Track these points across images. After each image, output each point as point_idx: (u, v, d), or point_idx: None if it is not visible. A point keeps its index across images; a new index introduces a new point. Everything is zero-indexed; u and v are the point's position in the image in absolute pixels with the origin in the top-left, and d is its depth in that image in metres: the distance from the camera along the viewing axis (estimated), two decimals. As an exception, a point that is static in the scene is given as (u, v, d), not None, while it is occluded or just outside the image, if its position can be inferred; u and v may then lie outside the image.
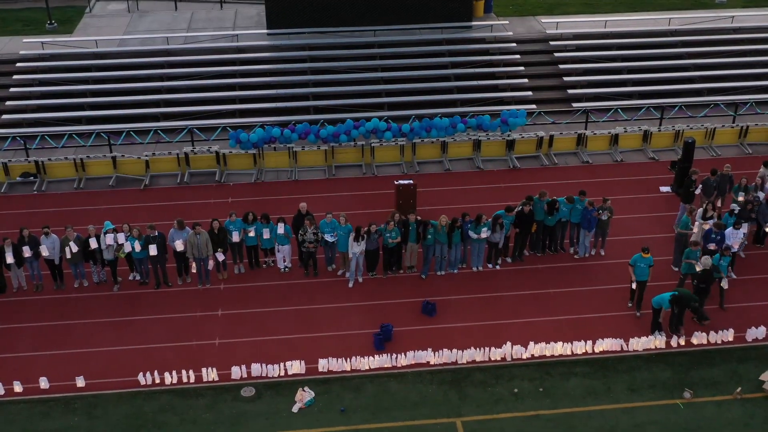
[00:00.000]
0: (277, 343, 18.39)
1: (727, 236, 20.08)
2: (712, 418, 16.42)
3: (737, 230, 20.34)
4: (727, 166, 22.73)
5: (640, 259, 18.81)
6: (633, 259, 18.97)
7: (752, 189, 21.98)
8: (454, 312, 19.42)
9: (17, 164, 25.09)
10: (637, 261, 18.88)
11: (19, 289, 20.26)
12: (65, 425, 16.30)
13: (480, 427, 16.20)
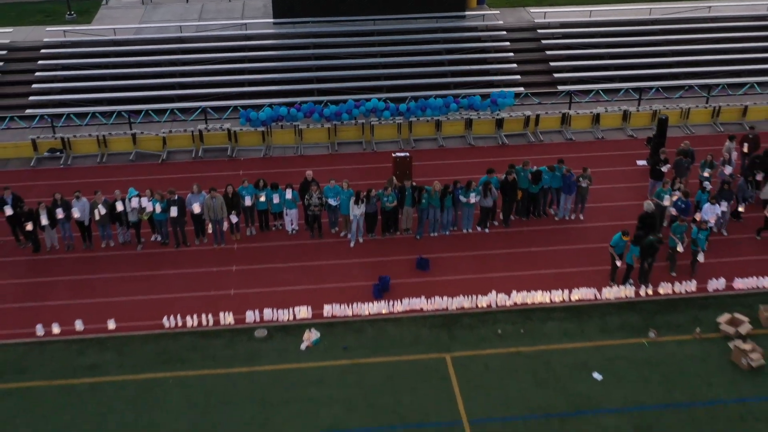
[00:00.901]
0: (286, 293, 20.35)
1: (704, 211, 21.79)
2: (674, 354, 18.38)
3: (713, 205, 22.00)
4: (686, 142, 24.61)
5: (620, 240, 20.53)
6: (614, 240, 20.57)
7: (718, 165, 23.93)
8: (445, 267, 21.40)
9: (45, 141, 27.09)
10: (618, 242, 20.63)
11: (52, 249, 22.23)
12: (99, 361, 18.28)
13: (466, 361, 18.18)
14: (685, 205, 21.90)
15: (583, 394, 17.25)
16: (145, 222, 22.25)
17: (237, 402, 17.06)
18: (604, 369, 17.91)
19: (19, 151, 26.98)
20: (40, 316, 19.53)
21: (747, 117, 28.98)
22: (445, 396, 17.22)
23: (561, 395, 17.20)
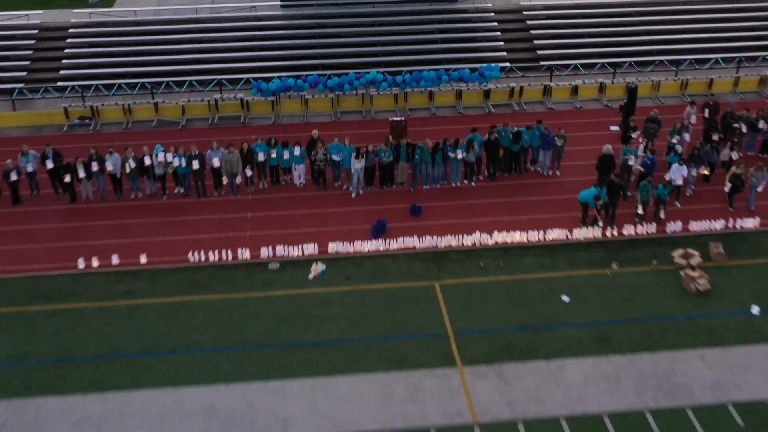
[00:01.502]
0: (295, 234, 22.85)
1: (672, 171, 24.19)
2: (632, 282, 20.91)
3: (681, 166, 24.38)
4: (655, 111, 27.08)
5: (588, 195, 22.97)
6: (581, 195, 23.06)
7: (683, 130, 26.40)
8: (435, 214, 23.92)
9: (75, 109, 29.61)
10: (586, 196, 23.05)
11: (87, 200, 24.76)
12: (133, 288, 20.81)
13: (452, 287, 20.71)
14: (650, 161, 24.39)
15: (551, 312, 19.79)
16: (170, 176, 24.80)
17: (254, 319, 19.60)
18: (571, 293, 20.45)
19: (52, 118, 29.51)
20: (80, 253, 22.05)
21: (712, 89, 31.46)
22: (433, 314, 19.76)
23: (533, 313, 19.74)
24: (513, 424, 16.49)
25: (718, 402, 17.01)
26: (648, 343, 18.72)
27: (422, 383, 17.55)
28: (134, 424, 16.52)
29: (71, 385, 17.56)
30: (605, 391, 17.30)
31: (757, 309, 19.83)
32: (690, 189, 24.89)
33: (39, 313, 19.86)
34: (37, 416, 16.76)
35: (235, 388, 17.42)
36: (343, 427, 16.45)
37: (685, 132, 26.63)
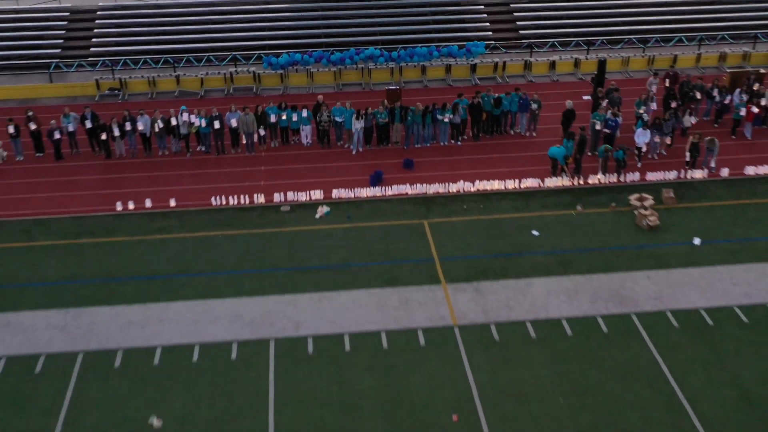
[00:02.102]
0: (303, 183, 25.80)
1: (636, 135, 27.08)
2: (593, 220, 23.91)
3: (645, 131, 27.20)
4: (612, 83, 30.02)
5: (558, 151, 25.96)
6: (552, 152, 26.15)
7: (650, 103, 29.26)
8: (425, 167, 26.90)
9: (105, 81, 32.56)
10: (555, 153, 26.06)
11: (120, 156, 27.75)
12: (164, 225, 23.81)
13: (439, 224, 23.71)
14: (614, 123, 27.36)
15: (523, 243, 22.79)
16: (192, 136, 27.78)
17: (270, 249, 22.60)
18: (540, 229, 23.45)
19: (85, 89, 32.48)
20: (117, 198, 25.02)
21: (676, 65, 34.41)
22: (422, 245, 22.76)
23: (507, 244, 22.75)
24: (486, 326, 19.50)
25: (658, 309, 20.03)
26: (603, 266, 21.73)
27: (411, 296, 20.58)
28: (172, 327, 19.53)
29: (117, 299, 20.58)
30: (564, 302, 20.32)
31: (698, 240, 22.84)
32: (654, 154, 27.67)
33: (86, 245, 22.88)
34: (91, 321, 19.78)
35: (255, 300, 20.44)
36: (345, 328, 19.46)
37: (651, 102, 29.59)
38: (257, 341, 19.04)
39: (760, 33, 35.98)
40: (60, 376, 18.02)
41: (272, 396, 17.43)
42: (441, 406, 17.12)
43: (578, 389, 17.57)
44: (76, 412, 17.06)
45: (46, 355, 18.65)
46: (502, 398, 17.32)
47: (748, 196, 25.22)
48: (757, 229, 23.48)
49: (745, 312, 19.91)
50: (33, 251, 22.64)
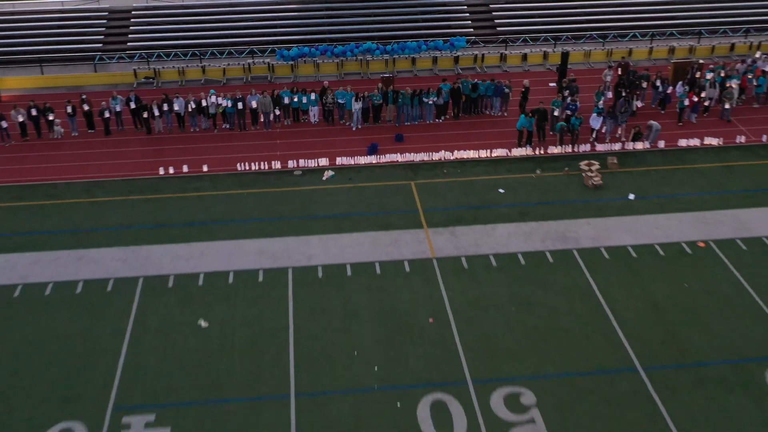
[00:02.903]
0: (312, 153, 30.37)
1: (591, 119, 31.63)
2: (550, 181, 28.53)
3: (599, 117, 31.58)
4: (572, 74, 34.61)
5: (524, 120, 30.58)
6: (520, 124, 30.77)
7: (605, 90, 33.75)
8: (413, 140, 31.49)
9: (141, 71, 37.17)
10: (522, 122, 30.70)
11: (159, 132, 32.35)
12: (199, 186, 28.41)
13: (423, 185, 28.32)
14: (574, 107, 31.94)
15: (491, 198, 27.42)
16: (219, 115, 32.38)
17: (286, 203, 27.23)
18: (505, 187, 28.10)
19: (124, 78, 37.08)
20: (159, 165, 29.62)
21: (631, 57, 39.01)
22: (409, 200, 27.40)
23: (478, 199, 27.39)
24: (458, 257, 24.16)
25: (594, 246, 24.69)
26: (554, 215, 26.38)
27: (400, 237, 25.23)
28: (211, 259, 24.18)
29: (166, 239, 25.22)
30: (521, 241, 24.97)
31: (633, 196, 27.50)
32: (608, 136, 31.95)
33: (137, 200, 27.53)
34: (147, 255, 24.44)
35: (275, 240, 25.09)
36: (347, 260, 24.10)
37: (608, 91, 34.13)
38: (278, 269, 23.70)
39: (704, 29, 40.59)
40: (126, 294, 22.68)
41: (291, 306, 22.09)
42: (421, 313, 21.78)
43: (526, 302, 22.23)
44: (142, 317, 21.73)
45: (114, 279, 23.32)
46: (467, 308, 21.98)
47: (677, 163, 29.87)
48: (682, 188, 28.12)
49: (662, 248, 24.57)
50: (95, 205, 27.29)
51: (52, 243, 25.08)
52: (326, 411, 18.56)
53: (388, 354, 20.31)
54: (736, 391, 19.08)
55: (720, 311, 21.78)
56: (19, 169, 29.69)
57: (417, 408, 18.62)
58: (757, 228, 25.55)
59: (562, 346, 20.54)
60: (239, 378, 19.56)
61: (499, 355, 20.26)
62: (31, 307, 22.17)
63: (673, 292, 22.61)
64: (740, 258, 24.04)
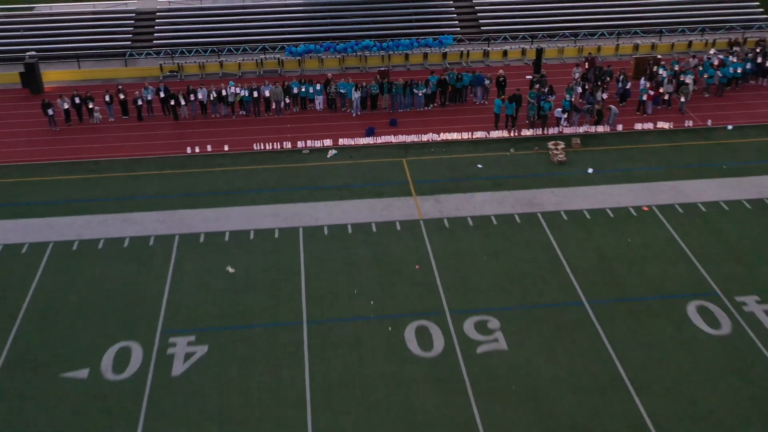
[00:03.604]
0: (318, 135, 34.35)
1: (556, 111, 35.56)
2: (521, 159, 32.56)
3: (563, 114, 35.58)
4: (543, 71, 38.59)
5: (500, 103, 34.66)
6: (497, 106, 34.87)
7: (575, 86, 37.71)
8: (405, 125, 35.56)
9: (167, 65, 41.21)
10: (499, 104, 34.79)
11: (184, 118, 36.38)
12: (222, 162, 32.45)
13: (413, 162, 32.38)
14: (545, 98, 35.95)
15: (471, 172, 31.46)
16: (237, 103, 36.43)
17: (296, 177, 31.27)
18: (483, 163, 32.15)
19: (151, 71, 41.11)
20: (186, 145, 33.67)
21: (600, 53, 43.06)
22: (401, 174, 31.45)
23: (459, 172, 31.43)
24: (441, 219, 28.22)
25: (555, 210, 28.75)
26: (523, 186, 30.44)
27: (392, 203, 29.29)
28: (234, 220, 28.23)
29: (196, 205, 29.27)
30: (494, 206, 29.03)
31: (591, 170, 31.55)
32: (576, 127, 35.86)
33: (169, 174, 31.58)
34: (180, 217, 28.49)
35: (288, 206, 29.14)
36: (348, 221, 28.15)
37: (577, 86, 38.14)
38: (290, 228, 27.79)
39: (664, 29, 44.65)
40: (165, 248, 26.76)
41: (302, 257, 26.17)
42: (409, 262, 25.86)
43: (496, 252, 26.30)
44: (179, 265, 25.80)
45: (155, 236, 27.40)
46: (447, 257, 26.05)
47: (632, 143, 33.91)
48: (634, 164, 32.15)
49: (613, 211, 28.64)
50: (134, 178, 31.36)
51: (100, 208, 29.17)
52: (332, 334, 22.65)
53: (382, 292, 24.41)
54: (660, 319, 23.17)
55: (654, 259, 25.89)
56: (66, 149, 33.77)
57: (404, 331, 22.72)
58: (693, 195, 29.64)
59: (523, 286, 24.64)
60: (261, 309, 23.66)
61: (472, 292, 24.37)
62: (87, 257, 26.28)
63: (617, 245, 26.70)
64: (676, 219, 28.15)
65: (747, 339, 22.32)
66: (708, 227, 27.65)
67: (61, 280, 25.14)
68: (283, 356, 21.82)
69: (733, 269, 25.32)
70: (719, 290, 24.34)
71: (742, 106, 37.28)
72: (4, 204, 29.57)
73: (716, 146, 33.66)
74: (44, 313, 23.64)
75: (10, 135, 35.09)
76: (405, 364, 21.55)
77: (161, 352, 21.98)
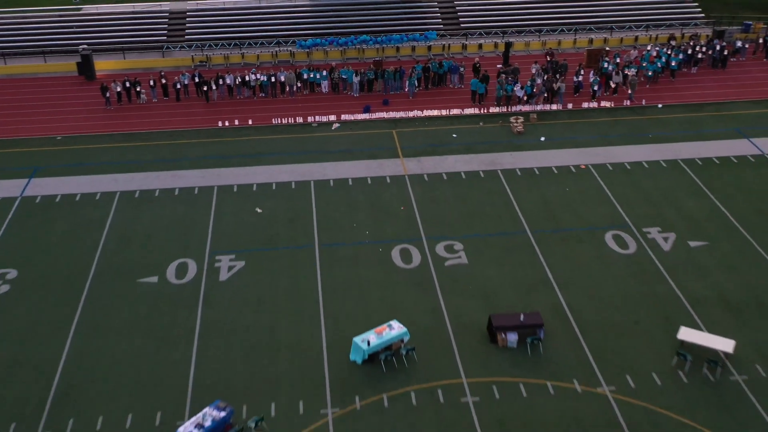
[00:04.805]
0: (324, 111, 40.87)
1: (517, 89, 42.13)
2: (489, 130, 39.07)
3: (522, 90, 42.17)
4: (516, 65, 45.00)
5: (477, 83, 41.19)
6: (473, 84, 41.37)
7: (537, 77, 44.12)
8: (395, 104, 42.06)
9: (197, 57, 47.67)
10: (476, 84, 41.28)
11: (213, 101, 42.88)
12: (247, 132, 38.94)
13: (402, 132, 38.90)
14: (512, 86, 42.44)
15: (447, 140, 37.94)
16: (257, 87, 42.92)
17: (307, 143, 37.78)
18: (458, 133, 38.66)
19: (184, 62, 47.55)
20: (217, 119, 40.19)
21: (561, 46, 49.52)
22: (391, 141, 37.97)
23: (437, 140, 37.94)
24: (422, 174, 34.73)
25: (512, 168, 35.28)
26: (488, 150, 36.93)
27: (384, 163, 35.82)
28: (260, 176, 34.73)
29: (229, 165, 35.77)
30: (464, 165, 35.54)
31: (543, 138, 38.08)
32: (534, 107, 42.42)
33: (206, 142, 38.10)
34: (218, 174, 35.00)
35: (302, 165, 35.64)
36: (349, 176, 34.66)
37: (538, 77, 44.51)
38: (304, 181, 34.32)
39: (614, 25, 51.13)
40: (207, 196, 33.27)
41: (314, 201, 32.69)
42: (396, 204, 32.38)
43: (463, 198, 32.78)
44: (220, 207, 32.32)
45: (198, 187, 33.93)
46: (425, 202, 32.56)
47: (579, 118, 40.42)
48: (578, 134, 38.66)
49: (557, 169, 35.15)
50: (177, 145, 37.86)
51: (153, 167, 35.69)
52: (337, 253, 29.21)
53: (375, 225, 30.95)
54: (584, 243, 29.73)
55: (585, 203, 32.43)
56: (120, 123, 40.28)
57: (391, 252, 29.26)
58: (622, 157, 36.16)
59: (482, 221, 31.19)
60: (283, 237, 30.22)
61: (443, 225, 30.92)
62: (148, 203, 32.83)
63: (558, 193, 33.24)
64: (606, 174, 34.69)
65: (646, 256, 28.91)
66: (629, 180, 34.21)
67: (129, 217, 31.71)
68: (300, 268, 28.40)
69: (644, 209, 31.89)
70: (631, 224, 30.92)
71: (672, 89, 43.80)
72: (76, 164, 36.12)
73: (647, 120, 40.18)
74: (119, 240, 30.22)
75: (74, 112, 41.62)
76: (391, 273, 28.13)
77: (210, 265, 28.57)
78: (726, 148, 37.04)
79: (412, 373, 23.36)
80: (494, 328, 24.22)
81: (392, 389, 22.75)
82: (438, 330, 25.14)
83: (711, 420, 21.71)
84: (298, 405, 22.27)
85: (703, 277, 27.54)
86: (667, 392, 22.60)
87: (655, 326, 25.16)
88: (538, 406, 22.19)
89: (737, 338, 24.44)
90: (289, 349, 24.44)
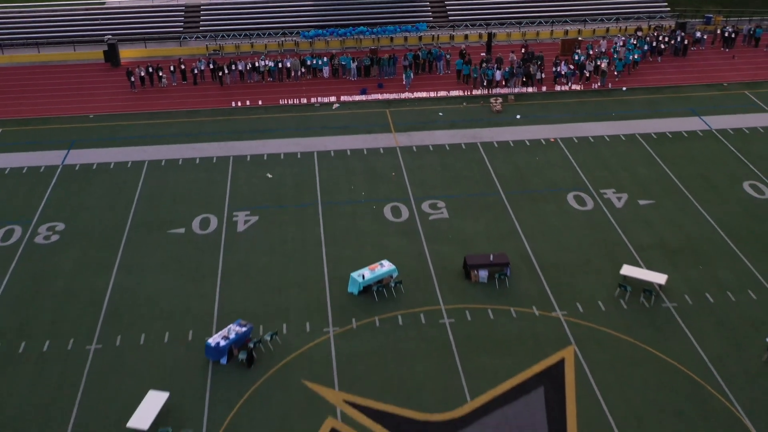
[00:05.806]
0: (326, 92, 44.84)
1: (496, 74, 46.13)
2: (472, 109, 43.01)
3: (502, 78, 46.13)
4: (500, 54, 49.00)
5: (462, 66, 45.14)
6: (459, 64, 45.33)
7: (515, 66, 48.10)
8: (390, 88, 45.98)
9: (211, 46, 51.59)
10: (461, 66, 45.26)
11: (226, 85, 46.80)
12: (257, 111, 42.90)
13: (395, 111, 42.86)
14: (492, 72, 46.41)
15: (434, 118, 41.95)
16: (266, 72, 46.86)
17: (310, 121, 41.77)
18: (444, 112, 42.65)
19: (199, 50, 51.43)
20: (230, 100, 44.14)
21: (539, 36, 53.49)
22: (384, 119, 41.98)
23: (426, 118, 41.92)
24: (411, 146, 38.72)
25: (490, 141, 39.31)
26: (469, 126, 40.96)
27: (378, 137, 39.81)
28: (270, 147, 38.70)
29: (242, 138, 39.73)
30: (448, 138, 39.54)
31: (519, 116, 42.08)
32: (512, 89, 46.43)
33: (221, 119, 42.05)
34: (233, 146, 38.99)
35: (306, 139, 39.63)
36: (347, 147, 38.65)
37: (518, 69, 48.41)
38: (308, 152, 38.32)
39: (587, 18, 55.10)
40: (224, 164, 37.26)
41: (317, 169, 36.68)
42: (388, 171, 36.38)
43: (446, 165, 36.81)
44: (235, 173, 36.31)
45: (216, 157, 37.93)
46: (414, 169, 36.57)
47: (552, 99, 44.42)
48: (550, 113, 42.64)
49: (529, 142, 39.17)
50: (195, 122, 41.83)
51: (175, 140, 39.68)
52: (337, 210, 33.23)
53: (370, 187, 34.98)
54: (549, 202, 33.75)
55: (552, 169, 36.44)
56: (145, 103, 44.25)
57: (383, 209, 33.30)
58: (587, 132, 40.18)
59: (462, 184, 35.20)
60: (291, 196, 34.24)
61: (428, 187, 34.94)
62: (173, 170, 36.83)
63: (529, 161, 37.26)
64: (572, 146, 38.72)
65: (602, 212, 32.96)
66: (592, 150, 38.25)
67: (158, 181, 35.72)
68: (306, 221, 32.44)
69: (602, 174, 35.93)
70: (590, 186, 34.96)
71: (636, 74, 47.78)
72: (108, 138, 40.10)
73: (612, 101, 44.19)
74: (150, 199, 34.23)
75: (103, 94, 45.58)
76: (383, 225, 32.17)
77: (229, 219, 32.61)
78: (679, 124, 41.08)
79: (399, 301, 27.43)
80: (468, 266, 28.27)
81: (382, 313, 26.83)
82: (422, 269, 29.20)
83: (645, 337, 25.77)
84: (305, 325, 26.35)
85: (648, 228, 31.61)
86: (609, 316, 26.69)
87: (603, 266, 29.25)
88: (502, 325, 26.28)
89: (671, 275, 28.51)
90: (297, 285, 28.50)
